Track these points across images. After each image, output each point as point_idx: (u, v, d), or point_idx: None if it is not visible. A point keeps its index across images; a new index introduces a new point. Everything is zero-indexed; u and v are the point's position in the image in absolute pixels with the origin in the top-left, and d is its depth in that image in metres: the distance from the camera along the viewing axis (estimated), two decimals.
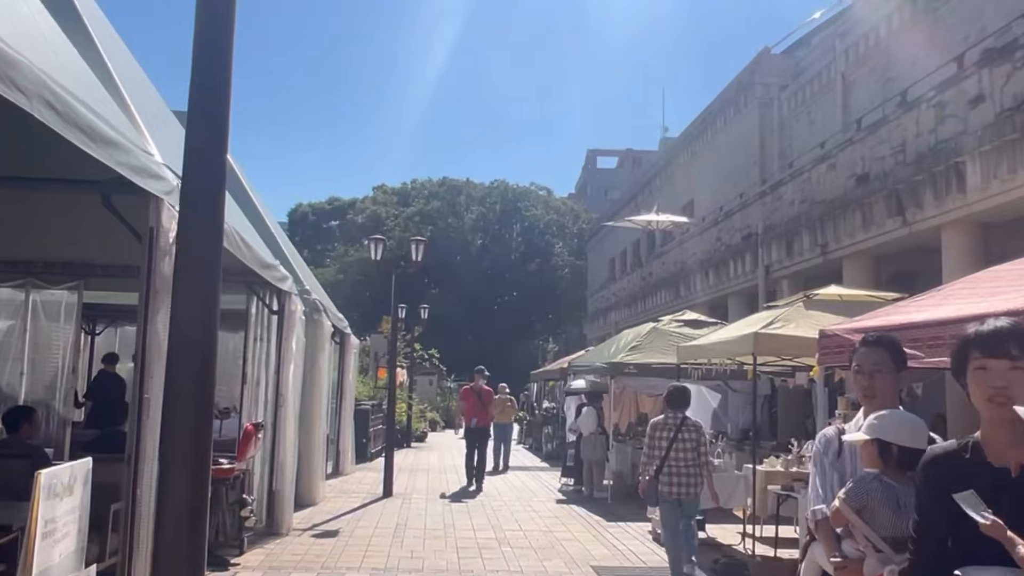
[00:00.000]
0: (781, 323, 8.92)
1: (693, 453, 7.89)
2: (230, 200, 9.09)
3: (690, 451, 7.89)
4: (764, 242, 17.25)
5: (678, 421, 7.99)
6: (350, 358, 16.62)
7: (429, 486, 14.95)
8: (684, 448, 7.88)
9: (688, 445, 7.90)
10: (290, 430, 9.98)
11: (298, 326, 10.16)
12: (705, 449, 8.03)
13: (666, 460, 7.89)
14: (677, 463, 7.88)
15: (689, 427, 7.99)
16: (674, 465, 7.88)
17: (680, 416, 8.04)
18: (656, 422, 8.24)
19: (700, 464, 7.95)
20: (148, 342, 4.96)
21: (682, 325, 14.76)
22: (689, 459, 7.88)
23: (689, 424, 8.03)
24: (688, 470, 7.88)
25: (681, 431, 7.92)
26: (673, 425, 7.96)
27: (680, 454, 7.88)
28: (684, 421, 8.01)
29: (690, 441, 7.92)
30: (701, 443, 7.98)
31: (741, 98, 27.07)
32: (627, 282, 31.86)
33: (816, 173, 15.40)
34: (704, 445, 8.03)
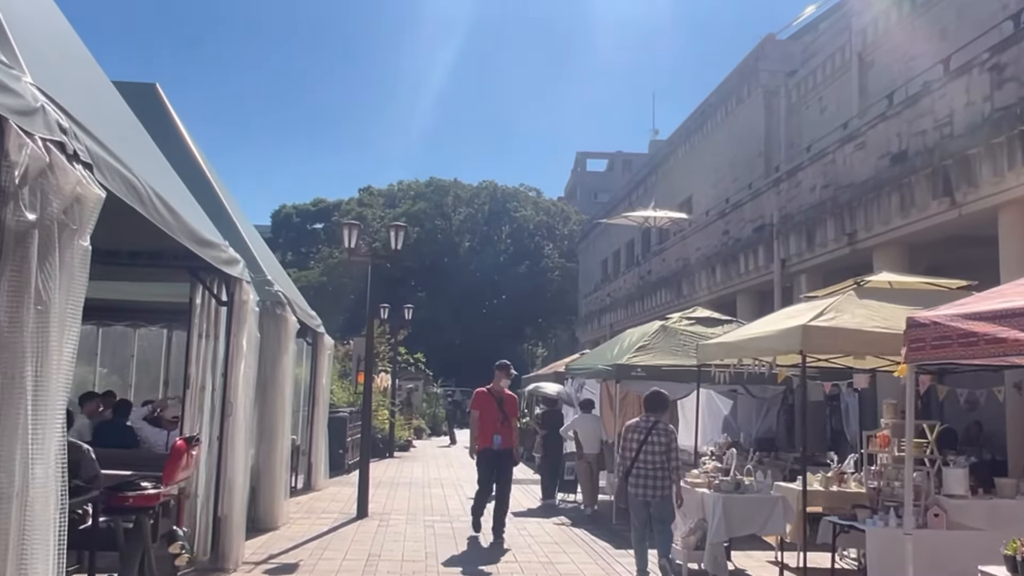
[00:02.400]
0: (833, 314, 7.37)
1: (662, 456, 7.93)
2: (158, 157, 7.49)
3: (659, 454, 7.94)
4: (780, 233, 15.72)
5: (649, 424, 8.10)
6: (323, 360, 14.98)
7: (410, 504, 13.31)
8: (653, 451, 7.95)
9: (657, 448, 7.95)
10: (239, 444, 8.34)
11: (251, 319, 8.53)
12: (675, 454, 8.00)
13: (635, 462, 8.03)
14: (646, 465, 7.98)
15: (659, 431, 8.03)
16: (643, 467, 7.99)
17: (652, 419, 8.14)
18: (629, 424, 8.42)
19: (669, 468, 7.96)
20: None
21: (693, 323, 13.22)
22: (657, 462, 7.93)
23: (659, 428, 8.06)
24: (656, 472, 7.92)
25: (651, 434, 8.01)
26: (644, 428, 8.09)
27: (649, 456, 7.96)
28: (655, 424, 8.07)
29: (659, 444, 7.96)
30: (671, 447, 7.98)
31: (744, 87, 25.62)
32: (623, 282, 30.31)
33: (841, 155, 13.88)
34: (674, 450, 7.99)
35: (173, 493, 6.86)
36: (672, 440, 8.07)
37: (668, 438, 8.04)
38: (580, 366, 14.82)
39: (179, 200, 6.70)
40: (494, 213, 61.25)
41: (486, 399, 10.71)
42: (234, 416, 8.25)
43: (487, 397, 10.72)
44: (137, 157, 5.79)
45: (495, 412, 10.60)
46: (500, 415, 10.59)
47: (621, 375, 12.09)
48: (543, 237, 60.59)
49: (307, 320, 13.26)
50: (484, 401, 10.71)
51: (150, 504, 6.41)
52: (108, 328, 14.58)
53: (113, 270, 8.74)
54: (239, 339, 8.34)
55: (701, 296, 19.83)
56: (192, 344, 8.24)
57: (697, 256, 21.02)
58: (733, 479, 8.42)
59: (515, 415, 10.97)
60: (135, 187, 5.24)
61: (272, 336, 10.60)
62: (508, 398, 10.85)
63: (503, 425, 10.55)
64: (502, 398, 10.73)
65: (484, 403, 10.68)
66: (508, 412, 10.67)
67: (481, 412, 10.65)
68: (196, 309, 8.26)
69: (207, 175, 11.53)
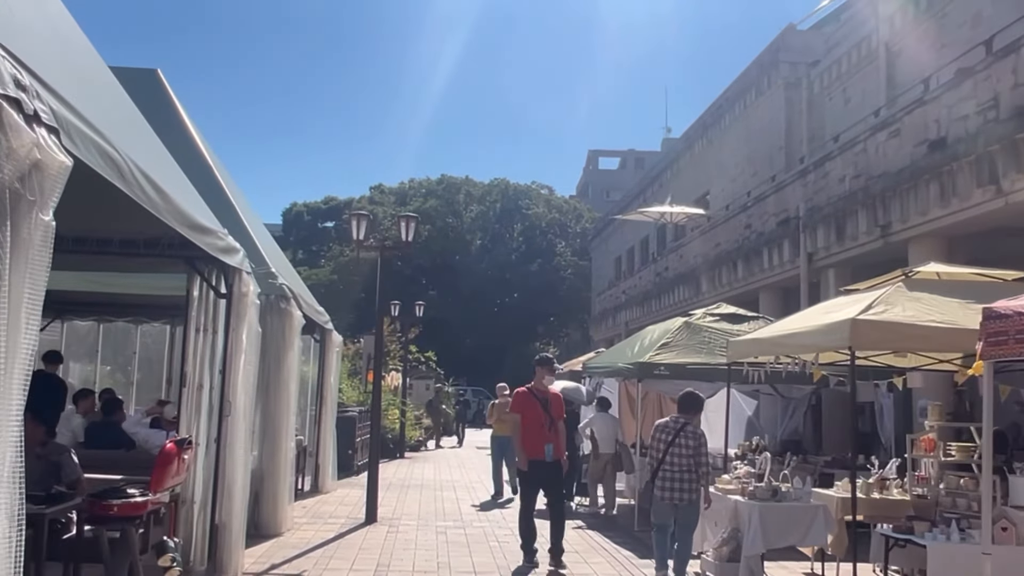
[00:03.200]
0: (883, 307, 6.75)
1: (689, 459, 7.64)
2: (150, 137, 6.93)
3: (687, 456, 7.64)
4: (807, 226, 15.07)
5: (678, 425, 7.83)
6: (332, 357, 14.43)
7: (422, 508, 12.73)
8: (681, 453, 7.66)
9: (685, 451, 7.65)
10: (239, 446, 7.78)
11: (251, 312, 7.97)
12: (704, 458, 7.69)
13: (662, 464, 7.77)
14: (672, 468, 7.71)
15: (688, 433, 7.73)
16: (668, 469, 7.73)
17: (682, 421, 7.86)
18: (659, 424, 8.13)
19: (699, 472, 7.66)
20: None
21: (718, 319, 12.61)
22: (685, 465, 7.64)
23: (688, 430, 7.76)
24: (683, 475, 7.63)
25: (680, 435, 7.73)
26: (673, 429, 7.82)
27: (676, 459, 7.68)
28: (684, 426, 7.77)
29: (687, 447, 7.66)
30: (700, 451, 7.67)
31: (764, 79, 24.96)
32: (639, 279, 29.68)
33: (873, 143, 13.23)
34: (703, 454, 7.68)
35: (164, 500, 6.31)
36: (701, 443, 7.77)
37: (697, 441, 7.74)
38: (598, 364, 14.22)
39: (170, 181, 6.15)
40: (506, 211, 60.61)
41: (528, 401, 8.92)
42: (233, 416, 7.70)
43: (529, 398, 8.92)
44: (121, 130, 5.25)
45: (540, 415, 8.81)
46: (546, 419, 8.81)
47: (643, 374, 11.50)
48: (555, 235, 59.92)
49: (314, 316, 12.71)
50: (526, 403, 8.93)
51: (137, 513, 5.87)
52: (109, 324, 14.12)
53: (105, 260, 8.24)
54: (239, 334, 7.78)
55: (721, 293, 19.20)
56: (189, 339, 7.71)
57: (717, 252, 20.38)
58: (769, 486, 7.81)
59: (562, 417, 9.11)
60: (113, 159, 4.68)
61: (276, 332, 10.06)
62: (554, 399, 9.06)
63: (551, 431, 8.83)
64: (547, 399, 8.93)
65: (526, 405, 8.91)
66: (555, 415, 8.92)
67: (524, 416, 8.89)
68: (193, 302, 7.74)
69: (209, 164, 11.02)
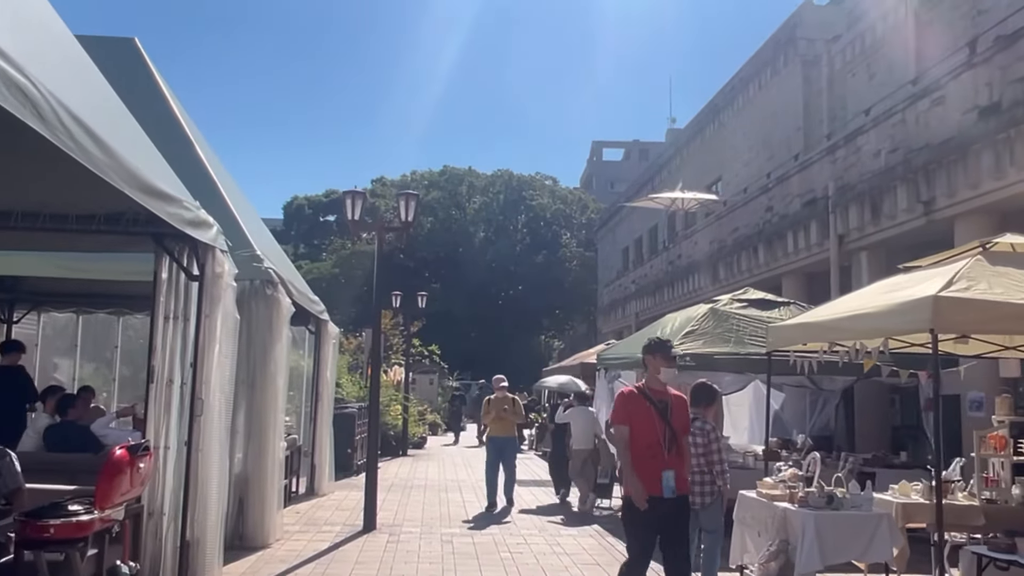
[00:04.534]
0: (965, 283, 5.73)
1: (701, 459, 6.89)
2: (95, 81, 5.90)
3: (697, 456, 6.85)
4: (837, 206, 14.01)
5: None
6: (328, 350, 13.41)
7: (425, 512, 11.73)
8: (692, 452, 6.68)
9: (694, 449, 6.78)
10: (214, 450, 6.78)
11: (227, 296, 6.96)
12: (718, 456, 6.96)
13: None
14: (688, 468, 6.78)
15: (696, 430, 6.86)
16: None
17: (692, 416, 6.82)
18: None
19: (713, 472, 6.93)
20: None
21: (746, 306, 11.60)
22: (696, 465, 6.83)
23: (697, 426, 6.90)
24: (693, 476, 6.74)
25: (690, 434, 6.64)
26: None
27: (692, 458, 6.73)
28: (693, 422, 6.80)
29: (696, 445, 6.83)
30: (711, 448, 6.92)
31: (780, 57, 23.88)
32: (650, 268, 28.62)
33: (913, 113, 12.17)
34: (715, 452, 6.95)
35: (117, 518, 5.29)
36: (712, 440, 6.98)
37: (707, 438, 6.96)
38: (614, 356, 13.19)
39: (120, 136, 5.15)
40: (510, 202, 59.55)
41: (639, 405, 5.86)
42: (207, 416, 6.70)
43: (639, 403, 5.86)
44: (47, 64, 4.25)
45: (656, 427, 5.77)
46: (665, 432, 5.79)
47: None
48: (560, 226, 58.86)
49: (307, 304, 11.70)
50: (636, 408, 5.86)
51: (81, 535, 4.86)
52: (89, 316, 13.10)
53: (61, 238, 7.21)
54: (212, 321, 6.78)
55: (741, 279, 18.14)
56: (157, 328, 6.71)
57: (735, 237, 19.32)
58: (823, 491, 6.78)
59: (686, 431, 6.21)
60: (27, 93, 3.69)
61: (262, 321, 9.06)
62: (676, 403, 6.01)
63: (672, 452, 5.81)
64: (666, 404, 5.89)
65: (637, 411, 5.84)
66: (677, 427, 5.90)
67: (634, 428, 5.81)
68: (161, 285, 6.74)
69: (189, 137, 10.02)
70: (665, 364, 6.08)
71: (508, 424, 12.76)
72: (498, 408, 12.69)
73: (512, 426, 12.90)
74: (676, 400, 6.08)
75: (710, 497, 7.09)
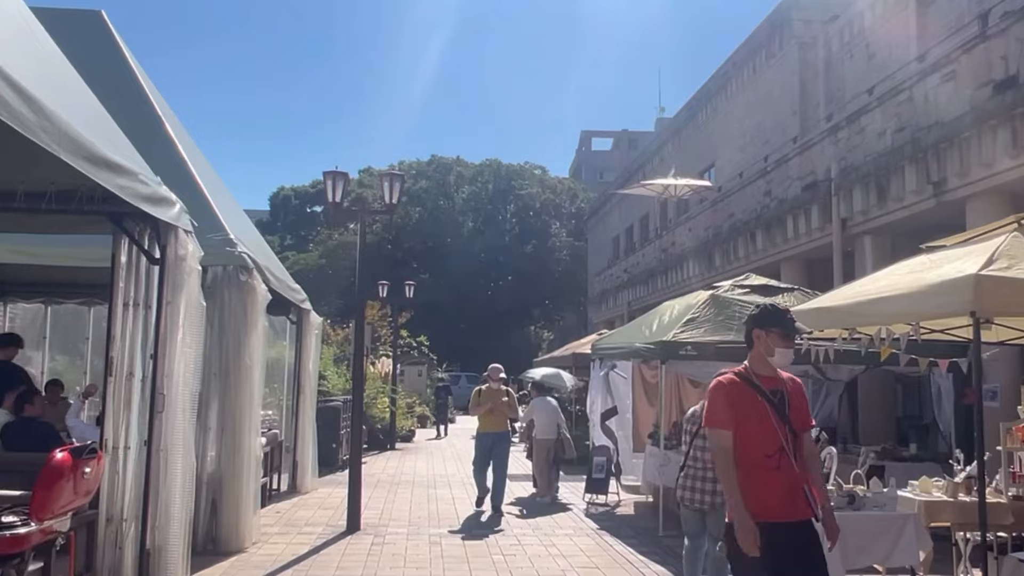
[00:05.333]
0: (1006, 261, 5.18)
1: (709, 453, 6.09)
2: (34, 37, 5.27)
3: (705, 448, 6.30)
4: (840, 188, 13.47)
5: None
6: (310, 341, 12.83)
7: (412, 511, 11.16)
8: (705, 447, 6.28)
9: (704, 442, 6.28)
10: (178, 449, 6.19)
11: (192, 281, 6.36)
12: None
13: (687, 460, 6.63)
14: (695, 464, 6.51)
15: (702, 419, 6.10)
16: (692, 467, 6.54)
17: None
18: (687, 414, 6.95)
19: None
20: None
21: (748, 292, 11.06)
22: (709, 459, 6.21)
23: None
24: (706, 474, 6.38)
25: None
26: (698, 418, 6.43)
27: (700, 453, 6.43)
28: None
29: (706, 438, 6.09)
30: None
31: (775, 40, 23.35)
32: (642, 256, 28.09)
33: (922, 90, 11.63)
34: None
35: (61, 529, 4.69)
36: None
37: None
38: (610, 345, 12.65)
39: (62, 98, 4.55)
40: (498, 191, 58.87)
41: (748, 399, 4.27)
42: (169, 412, 6.11)
43: (748, 394, 4.28)
44: None
45: (772, 428, 4.20)
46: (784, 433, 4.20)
47: (667, 354, 9.92)
48: (550, 215, 58.26)
49: (287, 293, 11.11)
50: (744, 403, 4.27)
51: (16, 550, 4.26)
52: (58, 307, 12.46)
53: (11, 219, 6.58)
54: (175, 308, 6.19)
55: (738, 266, 17.62)
56: (116, 317, 6.14)
57: (731, 223, 18.78)
58: (844, 490, 6.25)
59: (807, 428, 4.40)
60: None
61: (236, 309, 8.46)
62: (794, 391, 4.36)
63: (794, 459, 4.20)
64: (782, 394, 4.29)
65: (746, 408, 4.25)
66: (798, 425, 4.29)
67: (740, 431, 4.23)
68: (120, 269, 6.17)
69: (158, 113, 9.40)
70: (782, 342, 4.28)
71: (500, 419, 11.48)
72: (495, 400, 11.37)
73: (505, 421, 11.58)
74: (793, 388, 4.34)
75: (720, 497, 6.61)
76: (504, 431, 11.55)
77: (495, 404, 11.30)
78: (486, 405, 11.32)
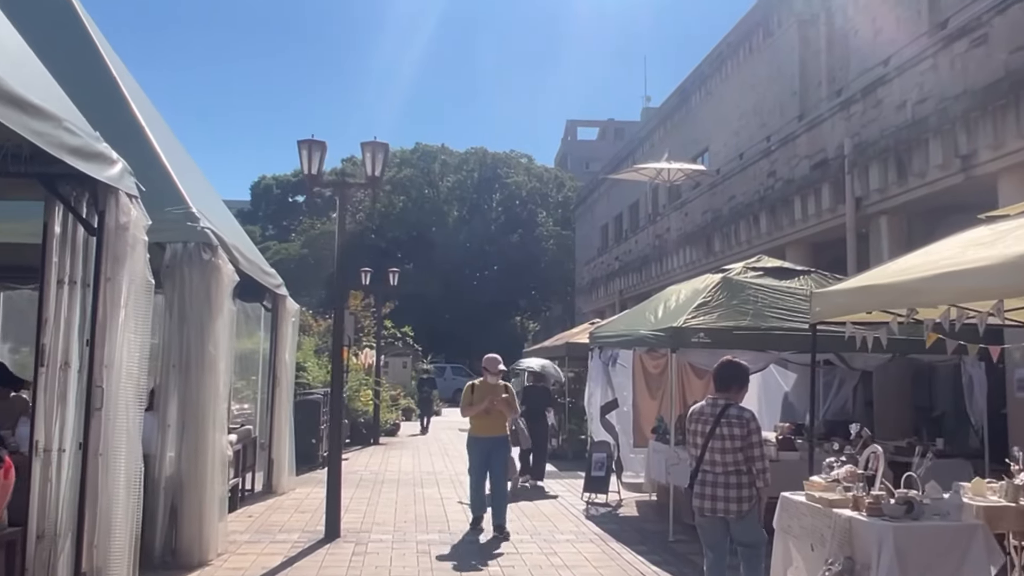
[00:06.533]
0: None
1: (737, 455, 5.78)
2: None
3: (732, 451, 5.78)
4: (855, 166, 12.61)
5: (718, 409, 5.89)
6: (286, 329, 11.88)
7: (398, 514, 10.25)
8: (724, 447, 5.79)
9: (730, 444, 5.77)
10: (119, 453, 5.24)
11: (137, 254, 5.40)
12: (760, 451, 5.80)
13: (700, 463, 5.91)
14: (714, 468, 5.84)
15: (732, 418, 5.81)
16: (709, 471, 5.86)
17: (722, 402, 5.92)
18: (693, 410, 6.17)
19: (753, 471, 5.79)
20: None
21: (762, 274, 10.25)
22: (730, 463, 5.78)
23: (732, 414, 5.82)
24: (728, 478, 5.79)
25: (720, 423, 5.81)
26: (711, 414, 5.91)
27: (718, 455, 5.82)
28: (726, 409, 5.84)
29: (733, 438, 5.77)
30: (751, 441, 5.78)
31: (773, 18, 22.46)
32: (635, 243, 27.21)
33: (947, 57, 10.77)
34: (757, 445, 5.78)
35: None
36: (753, 431, 5.81)
37: (745, 428, 5.79)
38: (611, 333, 11.75)
39: None
40: (484, 180, 57.84)
41: None
42: (109, 409, 5.16)
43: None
44: None
45: None
46: None
47: (678, 342, 9.04)
48: (536, 204, 57.24)
49: (260, 276, 10.16)
50: None
51: None
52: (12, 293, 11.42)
53: None
54: (115, 285, 5.23)
55: (739, 251, 16.76)
56: (48, 297, 5.18)
57: (732, 206, 17.91)
58: (901, 496, 5.37)
59: None
60: None
61: (198, 292, 7.50)
62: None
63: None
64: None
65: None
66: None
67: None
68: (52, 241, 5.20)
69: (105, 61, 8.27)
70: None
71: (499, 420, 9.35)
72: (493, 396, 9.23)
73: (504, 423, 9.43)
74: None
75: (748, 504, 5.88)
76: (503, 435, 9.42)
77: (493, 402, 9.20)
78: (482, 404, 9.22)
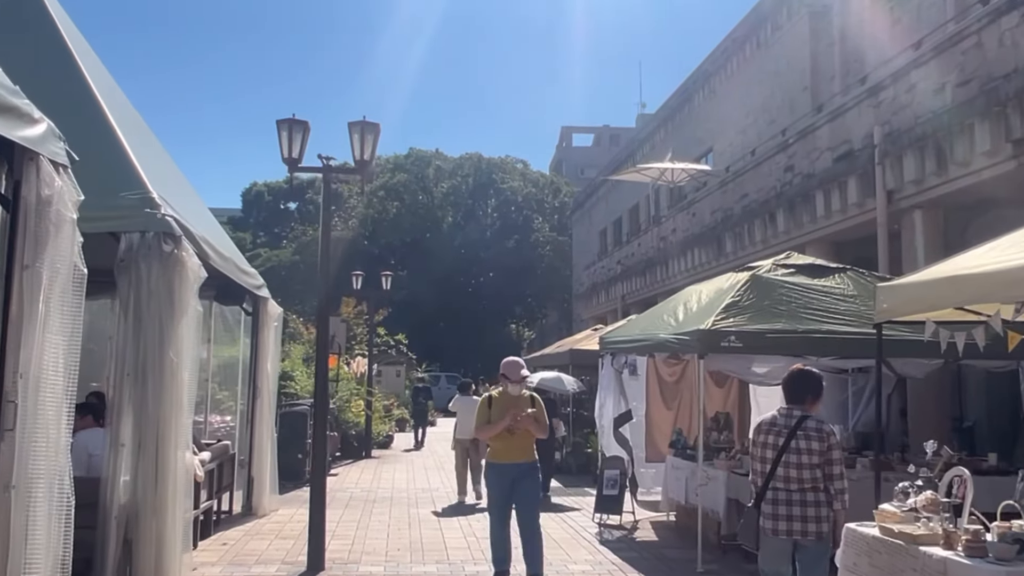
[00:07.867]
0: None
1: (815, 472, 5.19)
2: None
3: (810, 467, 5.19)
4: (887, 156, 11.62)
5: (792, 421, 5.30)
6: (268, 335, 10.84)
7: (391, 539, 9.19)
8: (801, 463, 5.19)
9: (807, 459, 5.18)
10: (37, 486, 4.18)
11: (64, 235, 4.33)
12: (840, 468, 5.24)
13: (771, 479, 5.28)
14: (787, 484, 5.25)
15: (810, 432, 5.23)
16: (782, 487, 5.26)
17: (797, 413, 5.33)
18: (762, 423, 5.58)
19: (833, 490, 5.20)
20: None
21: (793, 272, 9.24)
22: (807, 479, 5.20)
23: (810, 427, 5.25)
24: (805, 496, 5.20)
25: (796, 437, 5.23)
26: (785, 427, 5.32)
27: (794, 471, 5.22)
28: (802, 422, 5.26)
29: (811, 453, 5.18)
30: (832, 458, 5.21)
31: (782, 10, 21.56)
32: (637, 247, 26.22)
33: (994, 33, 9.82)
34: (837, 462, 5.23)
35: None
36: (833, 445, 5.27)
37: (825, 442, 5.22)
38: (626, 338, 10.72)
39: None
40: (479, 185, 56.83)
41: None
42: (24, 428, 4.10)
43: None
44: None
45: None
46: None
47: (707, 346, 8.02)
48: (532, 210, 56.23)
49: (236, 275, 9.10)
50: None
51: None
52: None
53: None
54: (34, 274, 4.16)
55: (754, 252, 15.77)
56: None
57: (744, 204, 16.92)
58: (1009, 534, 4.36)
59: None
60: None
61: (158, 289, 6.44)
62: None
63: None
64: None
65: None
66: None
67: None
68: None
69: (56, 23, 7.25)
70: None
71: (526, 442, 7.08)
72: (511, 412, 6.95)
73: (532, 445, 7.15)
74: None
75: (819, 527, 5.25)
76: (532, 461, 7.14)
77: (517, 418, 6.93)
78: (503, 421, 6.96)
